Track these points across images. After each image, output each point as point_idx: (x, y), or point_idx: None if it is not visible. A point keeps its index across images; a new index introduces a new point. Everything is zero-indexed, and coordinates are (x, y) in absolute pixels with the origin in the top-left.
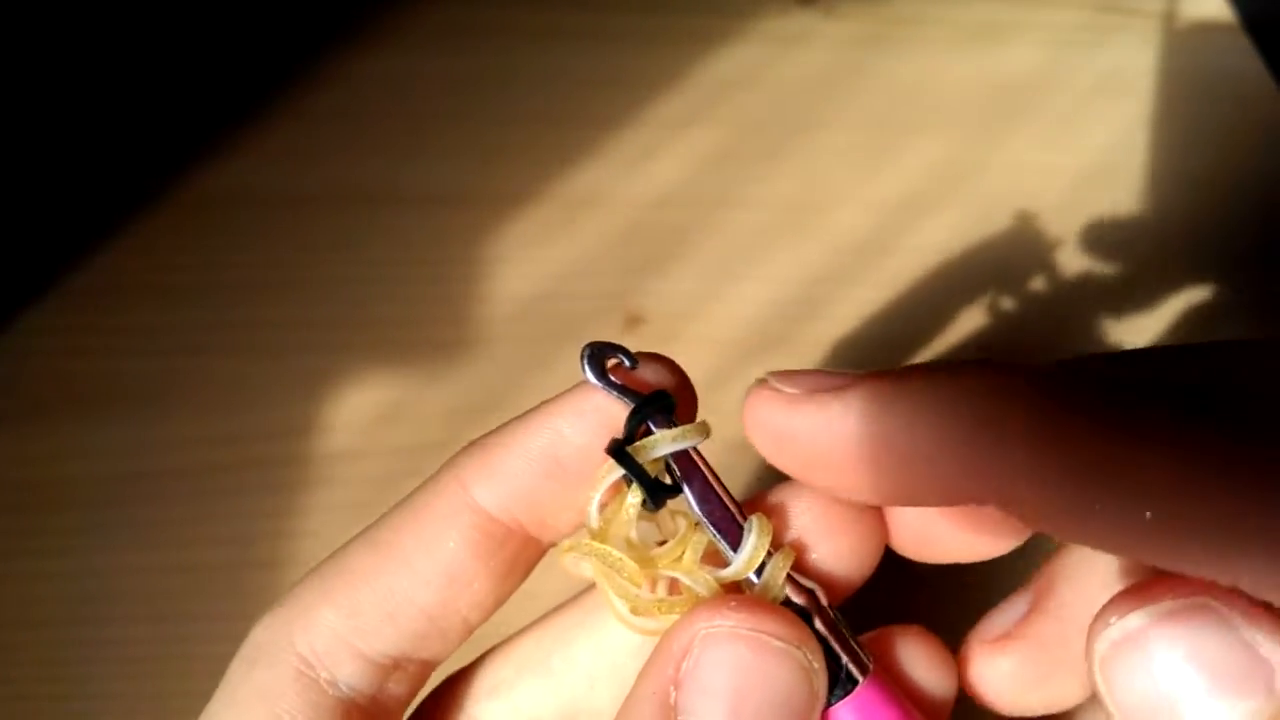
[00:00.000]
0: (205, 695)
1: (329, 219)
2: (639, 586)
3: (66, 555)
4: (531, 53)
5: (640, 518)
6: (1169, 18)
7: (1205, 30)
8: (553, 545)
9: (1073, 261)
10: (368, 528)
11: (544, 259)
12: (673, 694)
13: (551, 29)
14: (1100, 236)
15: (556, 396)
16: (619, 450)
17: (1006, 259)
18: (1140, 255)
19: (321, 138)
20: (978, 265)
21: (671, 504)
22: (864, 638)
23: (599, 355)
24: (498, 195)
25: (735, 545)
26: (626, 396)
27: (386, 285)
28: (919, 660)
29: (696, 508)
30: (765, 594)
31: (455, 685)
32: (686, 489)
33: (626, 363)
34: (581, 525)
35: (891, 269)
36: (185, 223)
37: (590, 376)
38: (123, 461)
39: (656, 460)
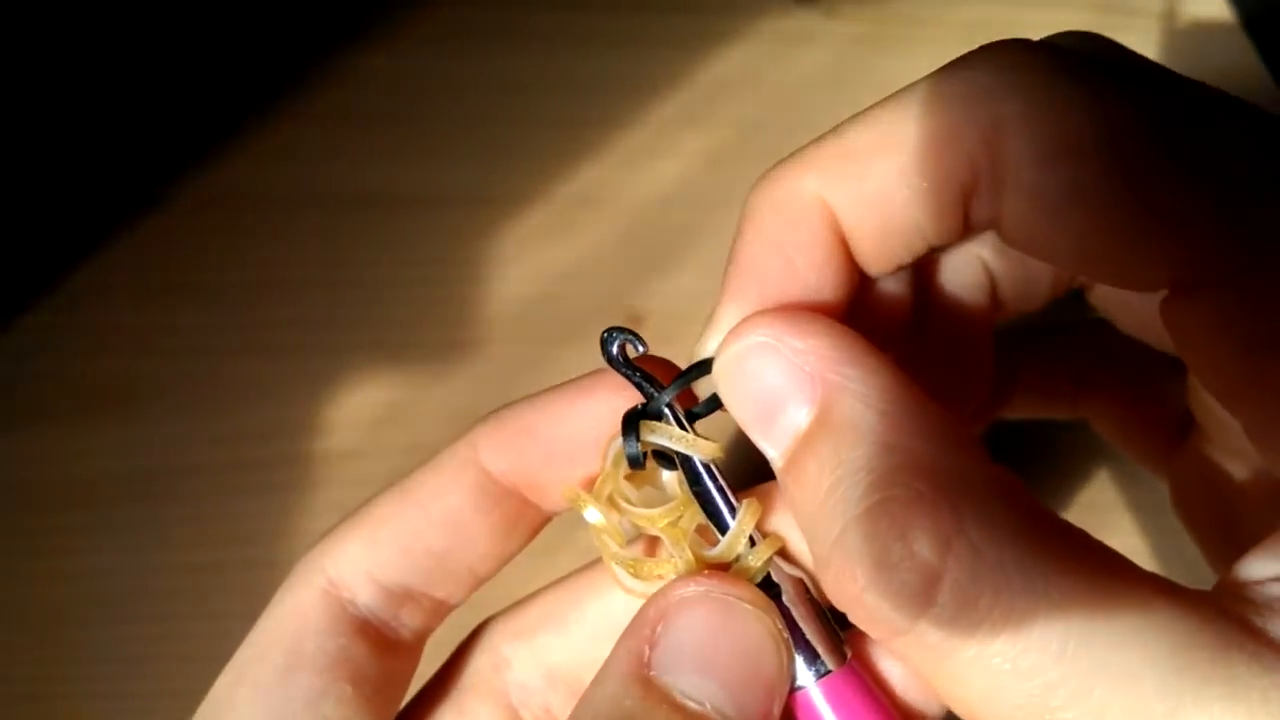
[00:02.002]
0: (205, 695)
1: (330, 219)
2: (622, 546)
3: (66, 555)
4: (532, 54)
5: (643, 483)
6: (1169, 18)
7: (1205, 30)
8: (554, 514)
9: None
10: (401, 478)
11: (544, 259)
12: (647, 652)
13: (552, 30)
14: None
15: (569, 386)
16: (626, 418)
17: None
18: None
19: (322, 139)
20: None
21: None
22: (850, 633)
23: (615, 340)
24: (498, 195)
25: (724, 528)
26: (640, 379)
27: (386, 285)
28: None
29: (690, 488)
30: (745, 573)
31: (488, 626)
32: (681, 469)
33: (639, 347)
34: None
35: None
36: (186, 223)
37: (610, 359)
38: (123, 461)
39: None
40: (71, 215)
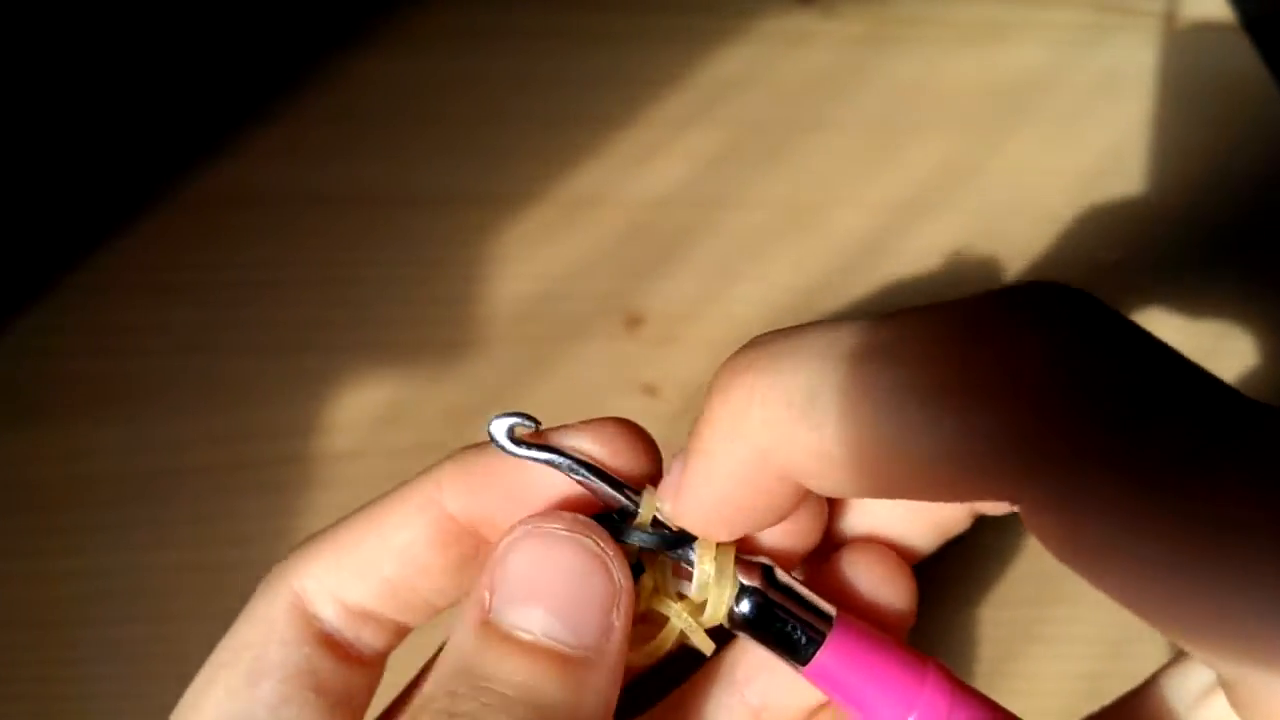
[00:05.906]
0: None
1: (329, 219)
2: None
3: (67, 555)
4: (531, 53)
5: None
6: (1169, 18)
7: (1205, 30)
8: None
9: (1073, 262)
10: (375, 498)
11: (544, 259)
12: (487, 598)
13: (551, 29)
14: (1100, 236)
15: (547, 436)
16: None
17: (1006, 260)
18: (1140, 255)
19: (322, 138)
20: (978, 266)
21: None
22: (821, 565)
23: (502, 425)
24: (498, 195)
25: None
26: (549, 454)
27: (386, 285)
28: (874, 578)
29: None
30: (707, 593)
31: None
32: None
33: (530, 425)
34: None
35: (891, 270)
36: (186, 222)
37: (509, 447)
38: (123, 461)
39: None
40: (70, 215)
